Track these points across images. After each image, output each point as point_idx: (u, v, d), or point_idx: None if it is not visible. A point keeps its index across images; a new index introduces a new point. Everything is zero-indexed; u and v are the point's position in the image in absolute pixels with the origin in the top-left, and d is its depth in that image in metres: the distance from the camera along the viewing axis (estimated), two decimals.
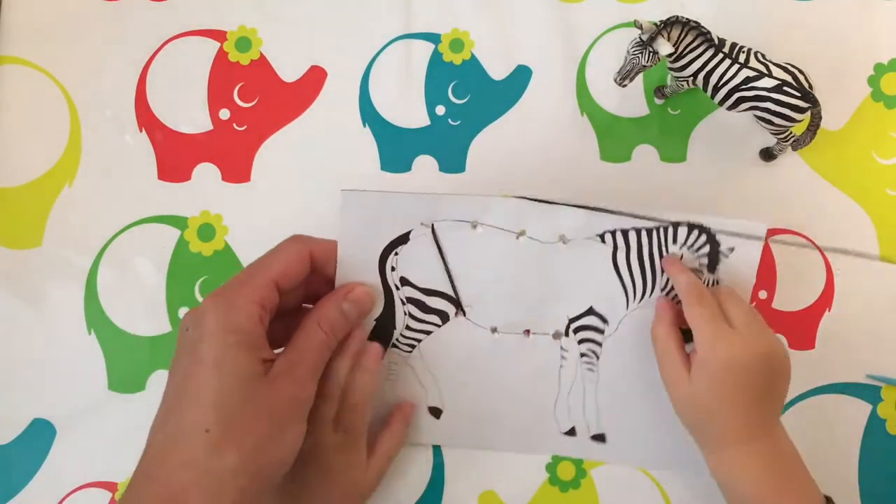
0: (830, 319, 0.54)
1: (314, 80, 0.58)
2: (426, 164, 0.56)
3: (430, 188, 0.56)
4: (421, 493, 0.54)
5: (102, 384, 0.55)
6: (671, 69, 0.50)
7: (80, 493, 0.54)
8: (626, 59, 0.49)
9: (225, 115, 0.57)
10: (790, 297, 0.55)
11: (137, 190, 0.56)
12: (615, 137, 0.56)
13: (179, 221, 0.56)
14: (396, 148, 0.57)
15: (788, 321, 0.54)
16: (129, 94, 0.57)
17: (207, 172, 0.57)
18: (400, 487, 0.54)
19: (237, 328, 0.40)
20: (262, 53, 0.58)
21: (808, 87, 0.48)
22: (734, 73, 0.48)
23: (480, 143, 0.56)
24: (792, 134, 0.52)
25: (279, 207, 0.56)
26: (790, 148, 0.54)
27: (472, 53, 0.58)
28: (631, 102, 0.57)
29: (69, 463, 0.54)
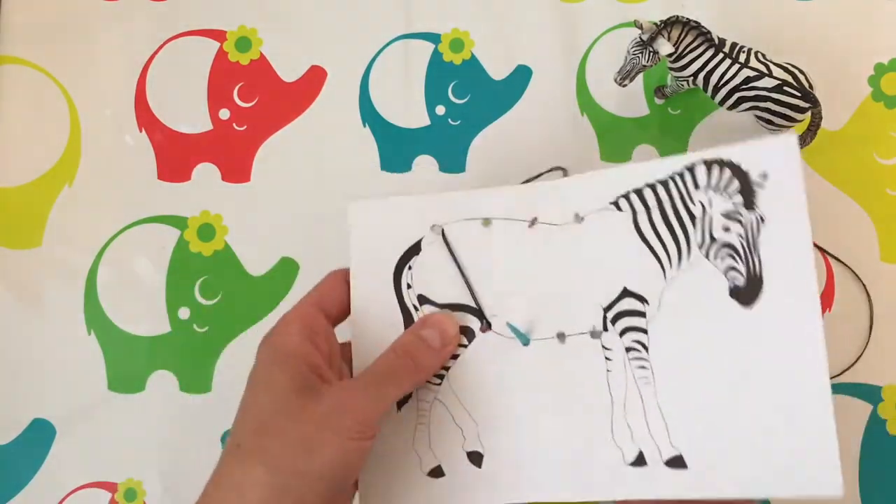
0: (830, 319, 0.54)
1: (314, 80, 0.58)
2: (426, 164, 0.56)
3: (430, 188, 0.56)
4: None
5: (102, 384, 0.55)
6: (671, 69, 0.50)
7: (80, 493, 0.54)
8: (626, 59, 0.49)
9: (225, 115, 0.57)
10: None
11: (137, 190, 0.56)
12: (615, 137, 0.56)
13: (179, 221, 0.56)
14: (396, 148, 0.57)
15: None
16: (129, 94, 0.57)
17: (207, 172, 0.57)
18: None
19: (277, 348, 0.41)
20: (262, 53, 0.58)
21: (808, 87, 0.48)
22: (734, 73, 0.48)
23: (480, 143, 0.57)
24: None
25: (279, 207, 0.56)
26: None
27: (472, 53, 0.58)
28: (631, 102, 0.57)
29: (69, 463, 0.54)
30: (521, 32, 0.58)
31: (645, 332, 0.42)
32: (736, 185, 0.41)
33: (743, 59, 0.48)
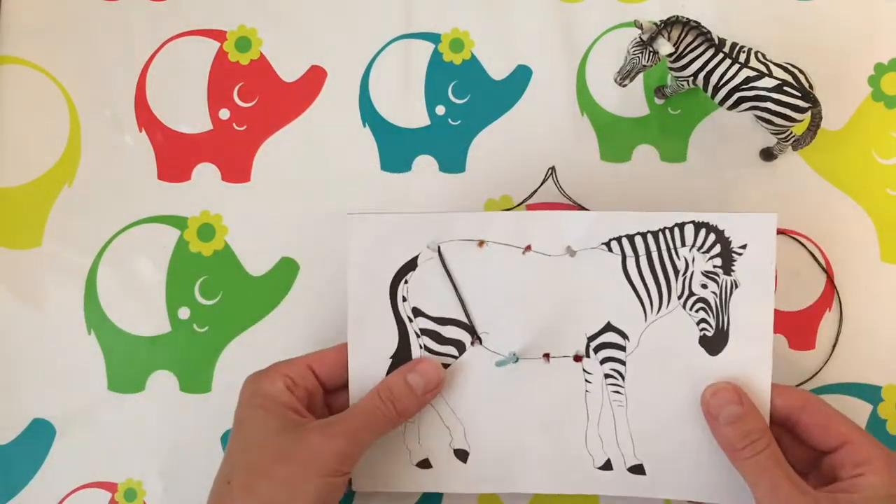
0: (830, 319, 0.54)
1: (314, 80, 0.58)
2: (426, 163, 0.56)
3: (430, 188, 0.56)
4: (421, 493, 0.54)
5: (102, 384, 0.55)
6: (671, 69, 0.50)
7: (79, 493, 0.54)
8: (626, 59, 0.49)
9: (225, 115, 0.57)
10: (790, 297, 0.55)
11: (137, 190, 0.56)
12: (615, 137, 0.56)
13: (179, 221, 0.56)
14: (396, 148, 0.57)
15: (788, 321, 0.54)
16: (129, 94, 0.57)
17: (207, 172, 0.57)
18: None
19: (263, 393, 0.45)
20: (262, 53, 0.58)
21: (808, 87, 0.48)
22: (734, 72, 0.48)
23: (480, 143, 0.56)
24: (792, 134, 0.52)
25: (279, 207, 0.56)
26: (790, 148, 0.54)
27: (472, 53, 0.58)
28: (631, 102, 0.57)
29: (69, 463, 0.54)
30: (521, 32, 0.58)
31: (623, 363, 0.48)
32: (717, 249, 0.47)
33: (743, 59, 0.48)
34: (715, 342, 0.48)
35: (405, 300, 0.49)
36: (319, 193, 0.56)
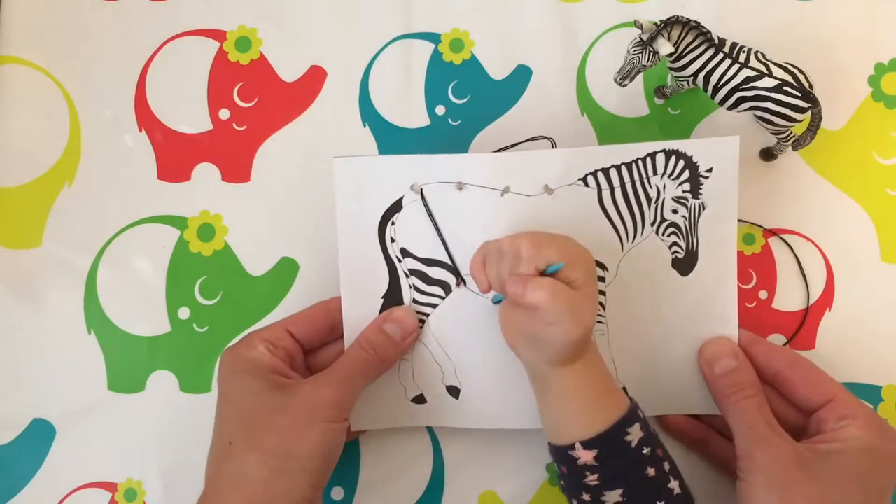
0: (830, 319, 0.54)
1: (314, 80, 0.58)
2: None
3: None
4: (421, 493, 0.54)
5: (102, 384, 0.55)
6: (671, 69, 0.50)
7: (80, 493, 0.54)
8: (626, 59, 0.49)
9: (225, 114, 0.57)
10: (790, 297, 0.55)
11: (137, 190, 0.56)
12: (615, 137, 0.56)
13: (179, 221, 0.56)
14: (396, 148, 0.57)
15: (788, 321, 0.54)
16: (129, 94, 0.57)
17: (207, 172, 0.57)
18: (400, 488, 0.54)
19: (245, 360, 0.46)
20: (262, 53, 0.58)
21: (808, 87, 0.48)
22: (734, 72, 0.48)
23: (480, 142, 0.56)
24: (792, 134, 0.52)
25: (279, 207, 0.56)
26: (790, 148, 0.54)
27: (472, 53, 0.58)
28: (631, 102, 0.57)
29: (69, 463, 0.54)
30: (521, 32, 0.58)
31: (604, 293, 0.50)
32: (687, 174, 0.49)
33: (743, 59, 0.48)
34: (686, 263, 0.50)
35: (393, 241, 0.50)
36: (319, 193, 0.56)
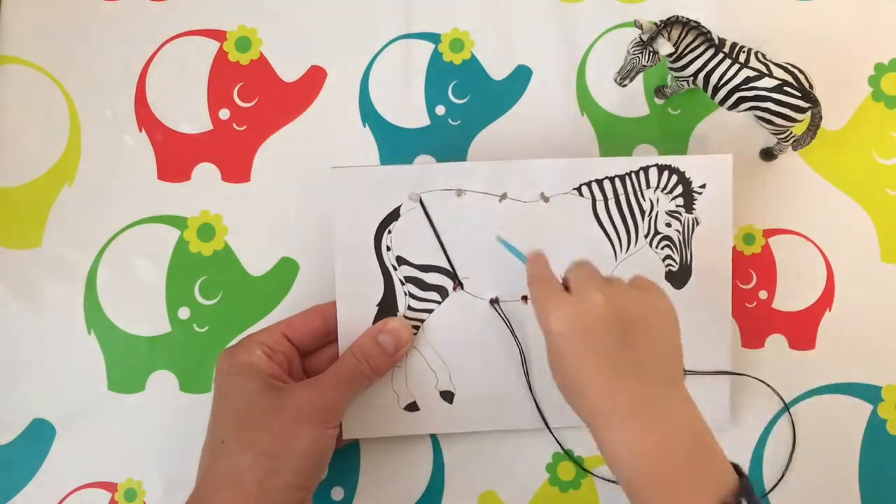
0: (830, 319, 0.54)
1: (314, 80, 0.58)
2: (426, 163, 0.56)
3: None
4: (421, 493, 0.54)
5: (102, 384, 0.55)
6: (671, 69, 0.50)
7: (80, 493, 0.54)
8: (626, 59, 0.49)
9: (225, 114, 0.57)
10: (790, 297, 0.55)
11: (137, 190, 0.56)
12: (615, 137, 0.56)
13: (179, 221, 0.56)
14: (396, 148, 0.57)
15: (788, 321, 0.54)
16: (129, 94, 0.57)
17: (207, 172, 0.57)
18: (400, 487, 0.54)
19: (241, 362, 0.47)
20: (262, 53, 0.58)
21: (808, 87, 0.48)
22: (734, 73, 0.48)
23: (480, 143, 0.56)
24: (792, 134, 0.52)
25: (279, 207, 0.56)
26: (790, 148, 0.54)
27: (472, 53, 0.58)
28: (631, 102, 0.57)
29: (69, 463, 0.54)
30: (521, 32, 0.58)
31: None
32: (680, 189, 0.51)
33: (743, 59, 0.48)
34: (680, 276, 0.51)
35: (389, 249, 0.51)
36: (319, 193, 0.56)
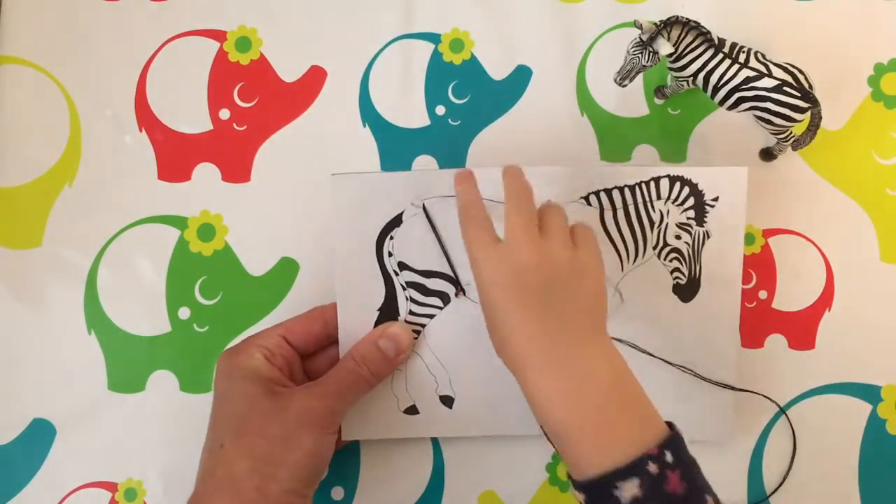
0: (830, 319, 0.54)
1: (314, 80, 0.58)
2: (426, 163, 0.56)
3: None
4: (421, 493, 0.54)
5: (102, 384, 0.55)
6: (671, 69, 0.50)
7: (80, 493, 0.54)
8: (626, 59, 0.49)
9: (225, 115, 0.57)
10: (790, 297, 0.55)
11: (137, 190, 0.56)
12: (615, 137, 0.56)
13: (179, 221, 0.56)
14: (396, 148, 0.57)
15: (788, 321, 0.54)
16: (129, 94, 0.57)
17: (207, 172, 0.57)
18: (400, 487, 0.54)
19: (241, 366, 0.47)
20: (262, 53, 0.58)
21: (808, 87, 0.48)
22: (734, 73, 0.48)
23: (480, 143, 0.56)
24: (792, 134, 0.52)
25: (279, 207, 0.56)
26: (790, 148, 0.54)
27: (472, 53, 0.58)
28: (631, 102, 0.57)
29: (69, 463, 0.54)
30: (521, 32, 0.58)
31: None
32: (691, 202, 0.50)
33: (743, 59, 0.48)
34: (688, 290, 0.51)
35: (391, 255, 0.51)
36: (319, 193, 0.56)
